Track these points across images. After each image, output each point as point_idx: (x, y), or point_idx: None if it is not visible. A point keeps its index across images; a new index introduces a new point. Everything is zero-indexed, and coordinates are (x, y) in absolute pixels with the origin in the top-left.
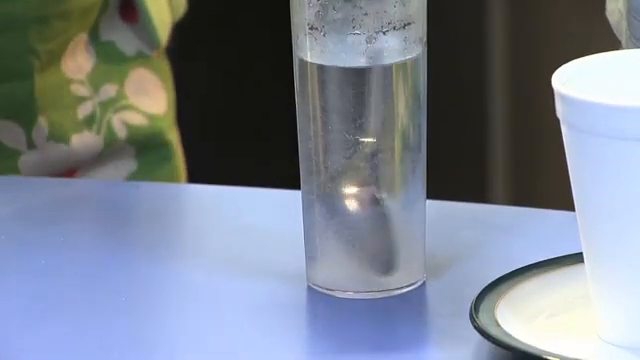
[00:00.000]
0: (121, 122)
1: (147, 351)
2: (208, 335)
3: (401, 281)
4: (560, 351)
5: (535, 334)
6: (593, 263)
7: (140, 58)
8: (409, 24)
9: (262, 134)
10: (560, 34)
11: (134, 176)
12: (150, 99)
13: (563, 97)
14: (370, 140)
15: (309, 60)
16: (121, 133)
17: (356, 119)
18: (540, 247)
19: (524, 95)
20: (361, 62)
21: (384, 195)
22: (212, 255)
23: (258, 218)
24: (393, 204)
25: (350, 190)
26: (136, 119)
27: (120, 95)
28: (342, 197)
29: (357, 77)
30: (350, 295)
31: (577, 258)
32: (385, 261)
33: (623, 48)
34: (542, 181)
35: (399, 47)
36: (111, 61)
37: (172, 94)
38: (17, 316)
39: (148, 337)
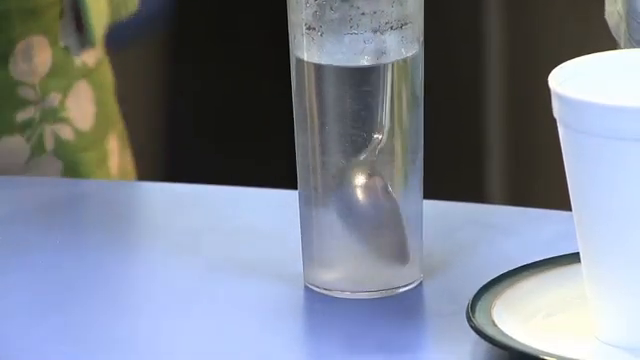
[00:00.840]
0: (52, 134)
1: (144, 350)
2: (205, 335)
3: (398, 281)
4: (557, 351)
5: (532, 334)
6: (590, 263)
7: (83, 68)
8: (406, 24)
9: (261, 134)
10: (557, 34)
11: None
12: (82, 113)
13: (560, 97)
14: (367, 139)
15: (306, 59)
16: (49, 145)
17: (353, 119)
18: (537, 247)
19: (521, 95)
20: (358, 62)
21: (386, 186)
22: (209, 255)
23: (256, 218)
24: (390, 204)
25: (347, 189)
26: (66, 133)
27: (62, 106)
28: (339, 196)
29: (354, 76)
30: (347, 295)
31: (574, 258)
32: (399, 250)
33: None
34: (539, 181)
35: (396, 47)
36: (65, 68)
37: (109, 109)
38: (16, 315)
39: (145, 336)
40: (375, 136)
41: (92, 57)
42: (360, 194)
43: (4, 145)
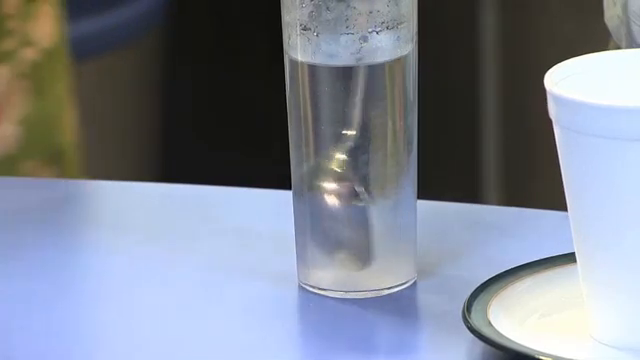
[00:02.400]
0: (25, 58)
1: (139, 350)
2: (198, 335)
3: (392, 281)
4: (553, 351)
5: (528, 334)
6: (586, 263)
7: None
8: (402, 23)
9: (257, 135)
10: (552, 34)
11: None
12: (45, 34)
13: (555, 97)
14: (361, 140)
15: (300, 59)
16: (26, 70)
17: (347, 119)
18: (533, 247)
19: (516, 95)
20: (354, 62)
21: (374, 195)
22: (203, 255)
23: (250, 218)
24: (384, 204)
25: (340, 189)
26: (33, 54)
27: (33, 30)
28: (333, 197)
29: (349, 76)
30: (341, 295)
31: (569, 258)
32: (361, 256)
33: None
34: (535, 181)
35: (392, 46)
36: None
37: (60, 31)
38: (10, 315)
39: (139, 336)
40: (356, 140)
41: None
42: (338, 203)
43: None
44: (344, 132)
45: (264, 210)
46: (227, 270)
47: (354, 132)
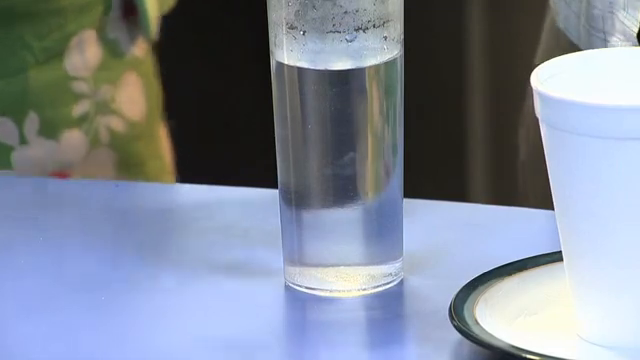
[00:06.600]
0: (105, 126)
1: (126, 348)
2: (186, 334)
3: (379, 279)
4: (539, 349)
5: (515, 332)
6: (572, 261)
7: (132, 59)
8: (388, 22)
9: (245, 133)
10: (539, 34)
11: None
12: (132, 104)
13: (542, 96)
14: (347, 140)
15: (286, 58)
16: (104, 138)
17: (334, 119)
18: (520, 246)
19: (503, 94)
20: (340, 61)
21: (361, 193)
22: (191, 254)
23: (237, 217)
24: (371, 203)
25: (327, 189)
26: (118, 125)
27: (112, 98)
28: (319, 196)
29: (335, 75)
30: (328, 293)
31: (556, 257)
32: (365, 253)
33: (583, 49)
34: (522, 180)
35: (378, 46)
36: (114, 60)
37: (155, 98)
38: (1, 315)
39: (126, 335)
40: (342, 140)
41: (141, 49)
42: (324, 202)
43: (66, 140)
44: (330, 131)
45: (251, 208)
46: (212, 268)
47: (340, 131)
